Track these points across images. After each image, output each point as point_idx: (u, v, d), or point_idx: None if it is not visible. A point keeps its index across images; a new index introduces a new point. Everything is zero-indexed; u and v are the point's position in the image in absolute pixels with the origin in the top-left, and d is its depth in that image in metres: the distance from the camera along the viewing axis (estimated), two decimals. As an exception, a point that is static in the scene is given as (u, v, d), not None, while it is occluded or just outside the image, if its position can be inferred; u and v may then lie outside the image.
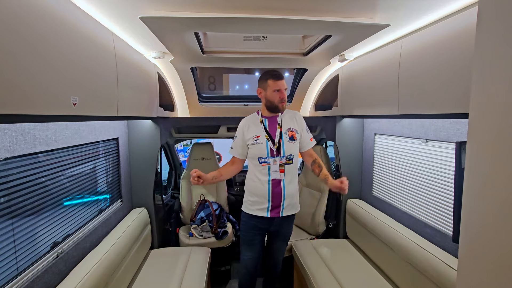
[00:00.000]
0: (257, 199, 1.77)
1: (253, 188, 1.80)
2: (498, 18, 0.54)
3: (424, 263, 1.47)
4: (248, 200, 1.83)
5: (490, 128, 0.56)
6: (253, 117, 1.84)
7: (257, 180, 1.77)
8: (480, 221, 0.60)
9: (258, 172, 1.76)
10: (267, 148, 1.72)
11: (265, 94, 1.73)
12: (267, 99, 1.73)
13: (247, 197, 1.84)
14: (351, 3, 1.12)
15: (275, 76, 1.70)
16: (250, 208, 1.81)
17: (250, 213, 1.81)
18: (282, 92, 1.70)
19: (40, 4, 0.81)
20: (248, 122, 1.82)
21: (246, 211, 1.84)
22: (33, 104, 0.80)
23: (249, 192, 1.83)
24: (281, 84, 1.69)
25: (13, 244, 1.09)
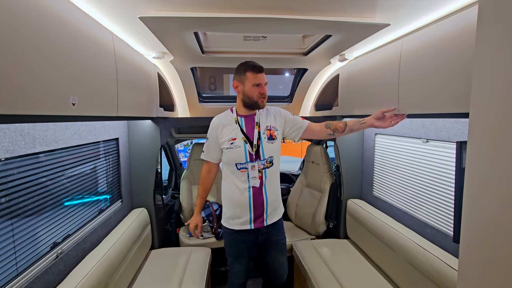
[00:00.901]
0: (237, 211, 1.58)
1: (231, 198, 1.59)
2: (498, 18, 0.54)
3: (425, 263, 1.46)
4: (226, 213, 1.62)
5: (491, 128, 0.56)
6: (226, 116, 1.61)
7: (235, 189, 1.56)
8: (480, 221, 0.59)
9: (236, 179, 1.56)
10: (245, 152, 1.53)
11: (242, 89, 1.53)
12: (245, 94, 1.52)
13: (225, 210, 1.63)
14: (351, 2, 1.12)
15: (255, 68, 1.50)
16: (230, 223, 1.61)
17: (231, 228, 1.61)
18: (263, 87, 1.52)
19: (40, 4, 0.81)
20: (221, 121, 1.59)
21: (227, 225, 1.63)
22: (32, 104, 0.80)
23: (228, 203, 1.62)
24: (261, 77, 1.51)
25: (12, 245, 1.09)
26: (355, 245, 2.27)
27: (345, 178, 2.42)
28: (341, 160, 2.41)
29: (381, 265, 1.90)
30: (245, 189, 1.55)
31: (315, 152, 2.71)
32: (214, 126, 1.61)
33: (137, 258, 1.94)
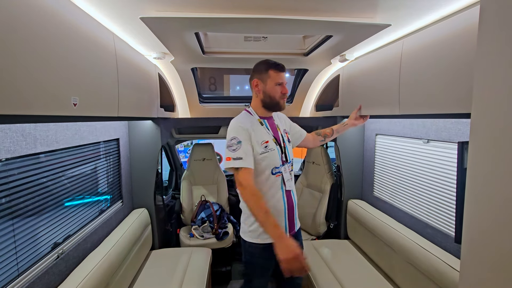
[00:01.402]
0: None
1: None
2: (500, 18, 0.54)
3: (426, 264, 1.46)
4: (256, 229, 1.41)
5: (493, 128, 0.56)
6: (247, 117, 1.45)
7: (269, 197, 1.41)
8: (482, 222, 0.59)
9: (269, 187, 1.41)
10: (279, 155, 1.43)
11: (263, 87, 1.42)
12: (266, 94, 1.42)
13: (254, 225, 1.41)
14: (352, 3, 1.12)
15: (279, 66, 1.42)
16: (263, 237, 1.40)
17: (262, 243, 1.40)
18: (285, 87, 1.43)
19: (41, 5, 0.81)
20: (246, 124, 1.39)
21: (259, 241, 1.41)
22: (33, 105, 0.80)
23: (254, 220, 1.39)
24: (283, 76, 1.43)
25: (14, 245, 1.09)
26: (356, 245, 2.27)
27: (345, 178, 2.42)
28: (342, 161, 2.41)
29: (382, 265, 1.90)
30: (280, 195, 1.44)
31: (316, 153, 2.71)
32: (244, 129, 1.36)
33: (137, 259, 1.94)
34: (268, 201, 1.40)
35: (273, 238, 1.20)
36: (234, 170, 1.32)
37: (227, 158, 1.32)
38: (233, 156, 1.31)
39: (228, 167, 1.32)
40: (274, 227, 1.21)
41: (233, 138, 1.34)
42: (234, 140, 1.34)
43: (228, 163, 1.31)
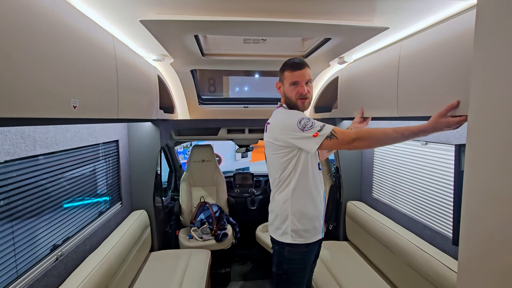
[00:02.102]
0: (315, 220, 1.38)
1: (310, 208, 1.36)
2: (496, 21, 0.55)
3: (424, 265, 1.47)
4: (299, 229, 1.34)
5: (489, 131, 0.57)
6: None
7: (317, 194, 1.38)
8: (480, 224, 0.60)
9: (319, 183, 1.39)
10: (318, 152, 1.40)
11: (283, 89, 1.41)
12: (286, 95, 1.40)
13: (296, 225, 1.34)
14: (350, 6, 1.13)
15: (293, 65, 1.35)
16: (305, 236, 1.35)
17: (306, 243, 1.35)
18: (301, 86, 1.33)
19: (40, 8, 0.82)
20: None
21: (299, 241, 1.34)
22: (33, 107, 0.80)
23: (302, 216, 1.34)
24: (299, 75, 1.33)
25: (12, 247, 1.09)
26: (355, 247, 2.27)
27: (344, 180, 2.42)
28: (341, 162, 2.41)
29: (381, 267, 1.91)
30: (322, 192, 1.42)
31: (315, 154, 2.71)
32: (299, 112, 1.36)
33: (136, 260, 1.94)
34: (316, 199, 1.36)
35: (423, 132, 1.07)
36: (327, 140, 1.18)
37: (314, 135, 1.19)
38: (318, 129, 1.20)
39: (323, 139, 1.18)
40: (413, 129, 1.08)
41: (302, 119, 1.24)
42: (303, 120, 1.24)
43: (318, 138, 1.18)
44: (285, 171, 1.35)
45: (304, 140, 1.23)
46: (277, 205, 1.39)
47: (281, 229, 1.37)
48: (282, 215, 1.37)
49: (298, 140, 1.25)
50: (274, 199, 1.43)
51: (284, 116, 1.34)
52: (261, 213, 3.10)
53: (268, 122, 1.44)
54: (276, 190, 1.41)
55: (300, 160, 1.33)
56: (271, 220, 1.45)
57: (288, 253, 1.37)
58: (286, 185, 1.36)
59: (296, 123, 1.24)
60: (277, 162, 1.37)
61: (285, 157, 1.34)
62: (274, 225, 1.41)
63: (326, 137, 1.19)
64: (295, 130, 1.24)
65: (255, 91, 3.17)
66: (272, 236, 1.43)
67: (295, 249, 1.36)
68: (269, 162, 1.46)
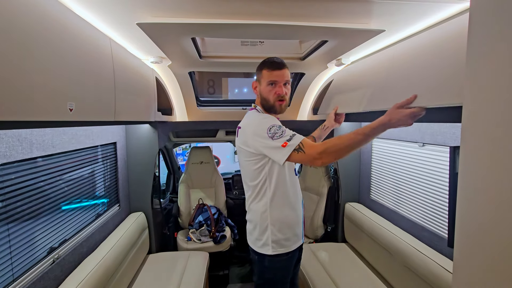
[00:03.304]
0: (295, 226, 1.34)
1: (290, 216, 1.32)
2: (489, 24, 0.55)
3: (422, 267, 1.47)
4: (280, 238, 1.29)
5: (483, 133, 0.57)
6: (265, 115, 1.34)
7: (296, 200, 1.34)
8: (474, 226, 0.60)
9: (296, 189, 1.36)
10: None
11: (260, 89, 1.32)
12: (262, 96, 1.32)
13: (277, 235, 1.29)
14: (346, 9, 1.13)
15: (272, 64, 1.28)
16: (286, 245, 1.31)
17: (287, 252, 1.31)
18: (280, 86, 1.27)
19: (37, 10, 0.82)
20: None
21: (283, 250, 1.30)
22: (29, 110, 0.80)
23: (282, 225, 1.30)
24: (278, 75, 1.27)
25: (9, 250, 1.09)
26: (353, 248, 2.27)
27: (342, 181, 2.42)
28: (339, 164, 2.41)
29: (379, 268, 1.90)
30: (300, 199, 1.37)
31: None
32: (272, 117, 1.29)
33: (134, 263, 1.94)
34: (295, 205, 1.32)
35: (381, 125, 1.06)
36: (295, 152, 1.11)
37: (282, 145, 1.11)
38: (287, 138, 1.13)
39: (291, 150, 1.11)
40: (372, 125, 1.07)
41: (272, 126, 1.17)
42: (274, 128, 1.17)
43: (287, 148, 1.11)
44: (259, 179, 1.28)
45: (272, 150, 1.15)
46: (255, 215, 1.32)
47: (261, 240, 1.32)
48: (262, 226, 1.31)
49: (266, 149, 1.18)
50: (251, 208, 1.36)
51: (255, 121, 1.25)
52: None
53: (239, 126, 1.34)
54: (253, 200, 1.34)
55: (274, 167, 1.26)
56: (249, 230, 1.39)
57: (269, 263, 1.32)
58: (263, 193, 1.29)
59: (266, 130, 1.17)
60: (250, 169, 1.29)
61: (257, 163, 1.26)
62: (254, 235, 1.35)
63: (294, 149, 1.11)
64: (264, 137, 1.16)
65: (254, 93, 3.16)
66: (252, 247, 1.37)
67: (276, 258, 1.31)
68: (242, 168, 1.39)
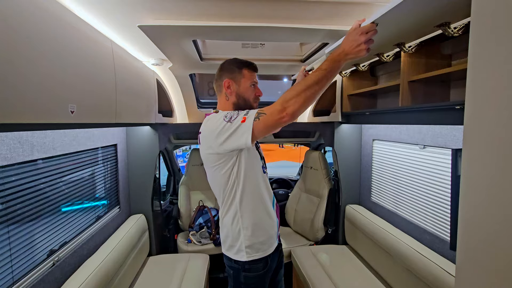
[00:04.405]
0: (269, 228, 1.30)
1: (263, 217, 1.28)
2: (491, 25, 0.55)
3: (423, 270, 1.46)
4: (254, 243, 1.25)
5: (486, 136, 0.57)
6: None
7: (268, 199, 1.31)
8: (477, 229, 0.60)
9: (266, 188, 1.32)
10: (260, 159, 1.34)
11: (236, 89, 1.28)
12: (240, 95, 1.28)
13: (251, 239, 1.24)
14: (347, 11, 1.14)
15: (253, 66, 1.30)
16: (262, 249, 1.27)
17: (264, 256, 1.27)
18: (258, 88, 1.32)
19: (39, 13, 0.82)
20: None
21: (261, 255, 1.26)
22: (30, 113, 0.80)
23: (256, 228, 1.25)
24: (256, 77, 1.32)
25: (9, 253, 1.09)
26: (354, 251, 2.27)
27: (343, 183, 2.42)
28: (339, 166, 2.41)
29: (380, 271, 1.90)
30: (272, 200, 1.34)
31: (314, 158, 2.72)
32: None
33: (134, 265, 1.93)
34: (267, 205, 1.29)
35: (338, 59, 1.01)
36: (257, 121, 1.09)
37: (242, 121, 1.10)
38: (244, 113, 1.13)
39: (252, 121, 1.08)
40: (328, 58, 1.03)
41: (226, 114, 1.15)
42: (229, 113, 1.15)
43: (248, 121, 1.09)
44: (228, 183, 1.23)
45: (235, 133, 1.10)
46: (227, 223, 1.28)
47: (235, 247, 1.26)
48: (234, 232, 1.26)
49: (230, 138, 1.12)
50: (223, 218, 1.30)
51: (212, 119, 1.21)
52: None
53: (199, 132, 1.30)
54: (223, 208, 1.29)
55: (241, 166, 1.22)
56: (222, 239, 1.33)
57: (244, 278, 1.27)
58: (232, 198, 1.24)
59: (222, 118, 1.14)
60: (218, 175, 1.24)
61: (225, 166, 1.21)
62: (227, 243, 1.30)
63: (255, 118, 1.08)
64: (223, 126, 1.12)
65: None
66: (227, 255, 1.31)
67: (251, 273, 1.26)
68: (210, 179, 1.32)
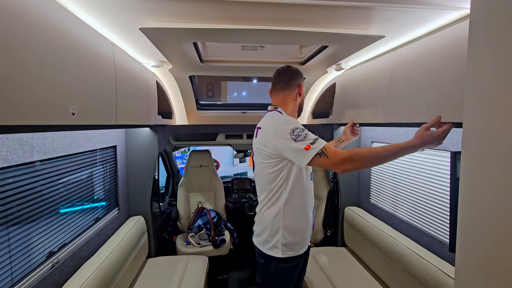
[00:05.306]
0: (305, 232, 1.34)
1: (302, 221, 1.32)
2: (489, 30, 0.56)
3: (422, 272, 1.47)
4: (290, 242, 1.28)
5: (484, 138, 0.57)
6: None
7: (309, 205, 1.34)
8: (476, 231, 0.60)
9: (310, 194, 1.35)
10: None
11: (298, 100, 1.40)
12: (301, 100, 1.42)
13: (287, 239, 1.28)
14: (347, 15, 1.15)
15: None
16: (295, 249, 1.30)
17: (296, 256, 1.31)
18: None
19: (39, 15, 0.82)
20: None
21: (289, 254, 1.30)
22: (32, 115, 0.80)
23: (293, 230, 1.29)
24: None
25: (8, 255, 1.08)
26: (353, 252, 2.27)
27: (342, 185, 2.43)
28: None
29: (379, 273, 1.90)
30: (313, 199, 1.38)
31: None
32: (296, 120, 1.32)
33: (133, 267, 1.92)
34: (307, 211, 1.32)
35: (413, 147, 1.07)
36: (317, 156, 1.11)
37: (305, 148, 1.11)
38: (310, 141, 1.13)
39: (314, 154, 1.11)
40: (403, 145, 1.08)
41: (295, 128, 1.17)
42: (297, 130, 1.17)
43: (310, 152, 1.11)
44: (275, 183, 1.27)
45: (294, 152, 1.15)
46: (267, 219, 1.31)
47: (270, 243, 1.30)
48: (273, 229, 1.30)
49: (288, 151, 1.17)
50: (263, 212, 1.33)
51: (278, 121, 1.25)
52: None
53: (258, 127, 1.35)
54: (266, 203, 1.32)
55: (292, 171, 1.25)
56: (258, 232, 1.37)
57: (275, 269, 1.31)
58: (277, 198, 1.28)
59: (289, 131, 1.17)
60: (266, 172, 1.28)
61: (275, 167, 1.25)
62: (262, 237, 1.33)
63: (317, 153, 1.11)
64: (287, 139, 1.16)
65: (253, 96, 3.18)
66: (260, 248, 1.35)
67: (283, 264, 1.30)
68: (257, 171, 1.37)
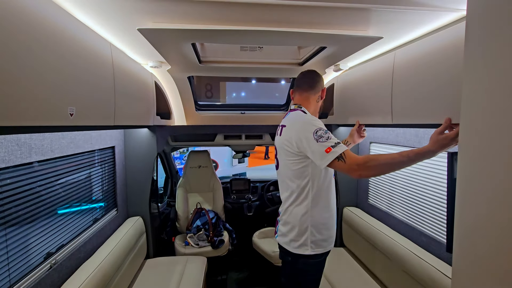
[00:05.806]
0: (332, 229, 1.38)
1: (329, 218, 1.35)
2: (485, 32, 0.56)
3: (420, 272, 1.47)
4: (318, 239, 1.32)
5: (481, 139, 0.58)
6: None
7: (334, 202, 1.39)
8: (473, 231, 0.61)
9: (332, 193, 1.39)
10: None
11: (321, 101, 1.50)
12: (320, 106, 1.51)
13: (316, 236, 1.31)
14: (345, 16, 1.15)
15: None
16: (323, 246, 1.34)
17: (324, 252, 1.35)
18: None
19: (37, 16, 0.82)
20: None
21: (318, 251, 1.32)
22: (30, 116, 0.80)
23: (322, 227, 1.33)
24: None
25: (6, 256, 1.08)
26: (351, 253, 2.27)
27: (340, 185, 2.43)
28: (337, 168, 2.42)
29: (377, 273, 1.91)
30: (335, 202, 1.43)
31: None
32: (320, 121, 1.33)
33: (132, 268, 1.92)
34: (333, 207, 1.36)
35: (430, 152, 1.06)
36: (336, 160, 1.14)
37: (326, 150, 1.15)
38: (332, 144, 1.16)
39: (334, 157, 1.13)
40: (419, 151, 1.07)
41: (319, 129, 1.21)
42: (321, 131, 1.21)
43: (330, 154, 1.14)
44: (302, 180, 1.29)
45: (315, 153, 1.18)
46: (294, 218, 1.32)
47: (298, 241, 1.32)
48: (301, 228, 1.31)
49: (309, 150, 1.21)
50: (291, 211, 1.34)
51: (303, 119, 1.30)
52: (258, 219, 3.09)
53: (283, 125, 1.38)
54: (293, 201, 1.33)
55: (317, 169, 1.27)
56: (284, 231, 1.37)
57: (303, 265, 1.32)
58: (305, 195, 1.30)
59: (313, 131, 1.21)
60: (291, 169, 1.31)
61: (299, 164, 1.28)
62: (289, 237, 1.34)
63: (336, 157, 1.14)
64: (310, 138, 1.20)
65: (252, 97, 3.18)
66: (286, 248, 1.36)
67: (311, 260, 1.32)
68: (282, 168, 1.39)
